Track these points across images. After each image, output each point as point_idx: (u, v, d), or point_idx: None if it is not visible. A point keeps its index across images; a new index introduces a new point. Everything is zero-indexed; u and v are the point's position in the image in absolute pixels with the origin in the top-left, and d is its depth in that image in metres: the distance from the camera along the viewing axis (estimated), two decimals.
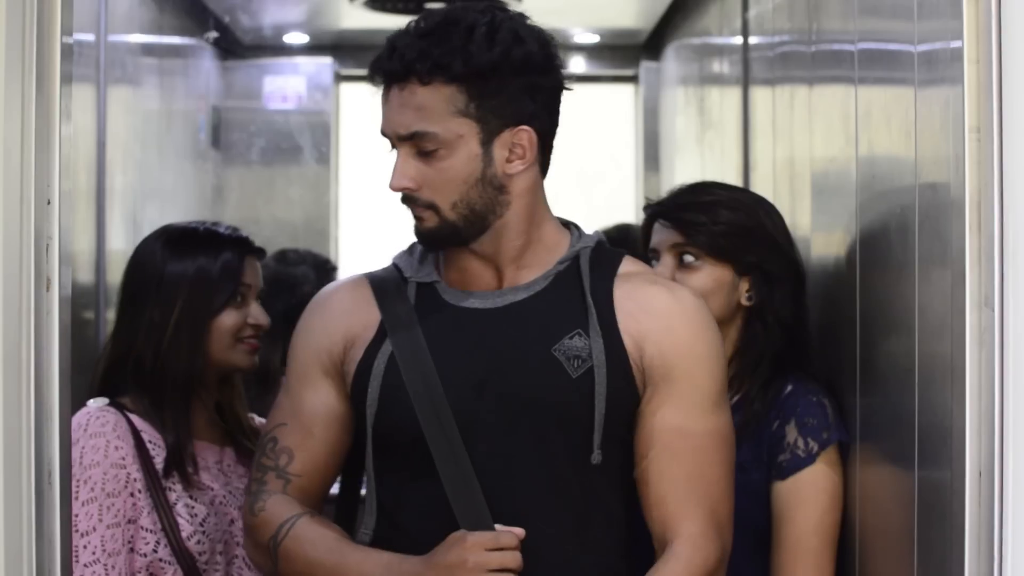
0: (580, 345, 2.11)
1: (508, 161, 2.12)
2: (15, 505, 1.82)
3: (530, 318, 2.15)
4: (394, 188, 2.13)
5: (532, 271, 2.18)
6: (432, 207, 2.12)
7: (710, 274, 2.44)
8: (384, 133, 2.14)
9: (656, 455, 2.12)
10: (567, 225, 2.25)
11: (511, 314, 2.16)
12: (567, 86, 2.17)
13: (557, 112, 2.17)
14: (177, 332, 2.51)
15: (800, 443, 2.36)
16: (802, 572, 2.34)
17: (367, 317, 2.21)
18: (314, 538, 2.14)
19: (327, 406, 2.22)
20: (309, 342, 2.25)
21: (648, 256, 2.52)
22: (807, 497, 2.35)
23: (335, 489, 2.34)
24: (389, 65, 2.10)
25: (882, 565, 2.23)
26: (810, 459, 2.35)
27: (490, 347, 2.14)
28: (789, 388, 2.42)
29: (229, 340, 2.53)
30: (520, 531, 2.08)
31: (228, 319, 2.53)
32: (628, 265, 2.21)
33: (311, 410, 2.23)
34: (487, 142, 2.11)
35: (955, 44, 1.82)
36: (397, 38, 2.11)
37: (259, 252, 2.65)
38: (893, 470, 2.13)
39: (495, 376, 2.12)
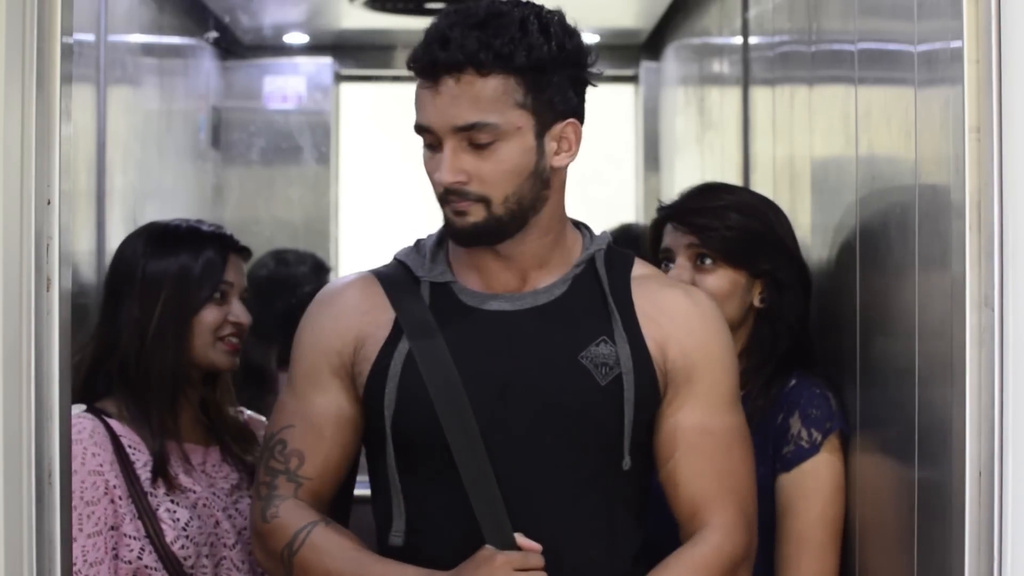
0: (607, 352, 2.11)
1: (556, 154, 2.11)
2: (15, 505, 1.82)
3: (554, 323, 2.13)
4: (447, 183, 2.06)
5: (552, 274, 2.16)
6: (483, 200, 2.07)
7: (726, 276, 2.46)
8: (428, 126, 2.07)
9: (682, 454, 2.13)
10: (577, 225, 2.24)
11: (534, 318, 2.14)
12: (594, 82, 2.16)
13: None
14: (160, 329, 2.49)
15: (804, 434, 2.37)
16: (807, 565, 2.33)
17: (380, 316, 2.16)
18: (332, 548, 2.10)
19: (337, 407, 2.18)
20: (318, 341, 2.19)
21: (659, 257, 2.52)
22: (811, 489, 2.36)
23: (364, 490, 2.28)
24: (446, 55, 2.03)
25: (882, 564, 2.23)
26: (814, 449, 2.36)
27: (513, 352, 2.12)
28: (793, 382, 2.43)
29: (209, 338, 2.50)
30: (538, 547, 2.06)
31: (209, 316, 2.51)
32: (640, 268, 2.22)
33: (321, 412, 2.18)
34: (540, 134, 2.09)
35: (955, 44, 1.82)
36: (448, 28, 2.05)
37: (243, 251, 2.62)
38: (893, 470, 2.13)
39: (519, 381, 2.10)
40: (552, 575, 2.07)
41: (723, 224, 2.46)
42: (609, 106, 6.21)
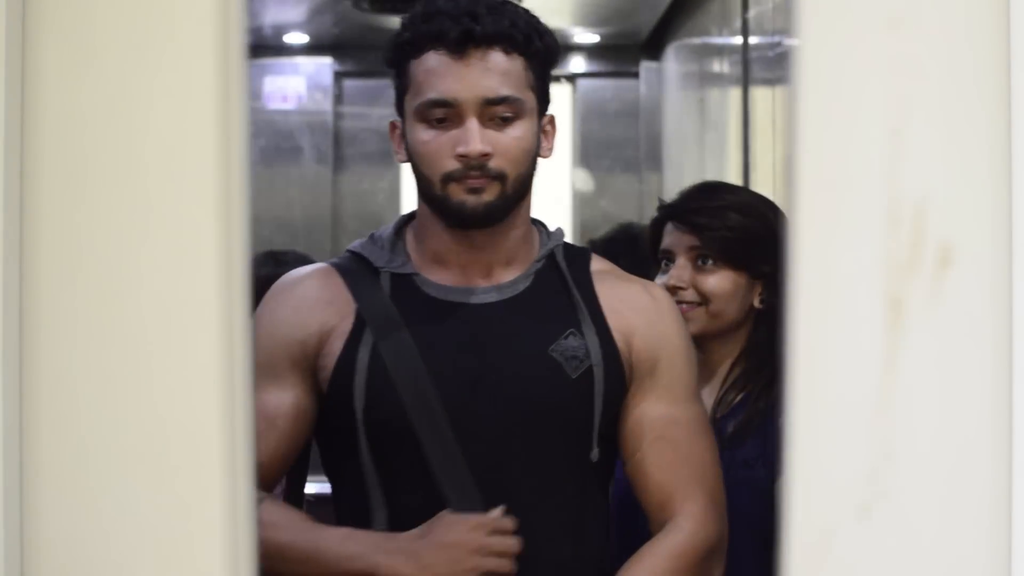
0: (576, 344, 2.11)
1: (543, 143, 2.13)
2: (16, 505, 1.82)
3: (521, 317, 2.12)
4: (479, 151, 2.02)
5: (515, 269, 2.14)
6: (500, 178, 2.05)
7: (727, 277, 2.45)
8: (452, 99, 2.04)
9: (650, 445, 2.13)
10: (533, 221, 2.21)
11: (500, 312, 2.12)
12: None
13: None
14: None
15: None
16: None
17: (343, 307, 2.13)
18: (281, 521, 2.07)
19: (294, 399, 2.13)
20: (277, 332, 2.15)
21: (658, 257, 2.52)
22: None
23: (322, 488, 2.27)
24: (482, 29, 2.03)
25: None
26: None
27: (482, 346, 2.10)
28: None
29: None
30: (509, 525, 2.06)
31: None
32: (598, 263, 2.21)
33: (277, 403, 2.13)
34: (539, 121, 2.11)
35: None
36: (465, 7, 2.06)
37: None
38: None
39: (490, 376, 2.09)
40: (524, 567, 2.06)
41: (724, 225, 2.45)
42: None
